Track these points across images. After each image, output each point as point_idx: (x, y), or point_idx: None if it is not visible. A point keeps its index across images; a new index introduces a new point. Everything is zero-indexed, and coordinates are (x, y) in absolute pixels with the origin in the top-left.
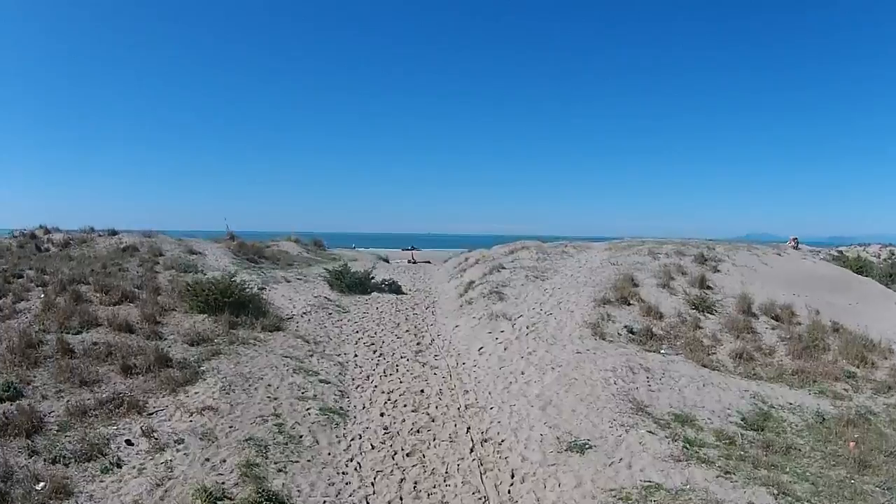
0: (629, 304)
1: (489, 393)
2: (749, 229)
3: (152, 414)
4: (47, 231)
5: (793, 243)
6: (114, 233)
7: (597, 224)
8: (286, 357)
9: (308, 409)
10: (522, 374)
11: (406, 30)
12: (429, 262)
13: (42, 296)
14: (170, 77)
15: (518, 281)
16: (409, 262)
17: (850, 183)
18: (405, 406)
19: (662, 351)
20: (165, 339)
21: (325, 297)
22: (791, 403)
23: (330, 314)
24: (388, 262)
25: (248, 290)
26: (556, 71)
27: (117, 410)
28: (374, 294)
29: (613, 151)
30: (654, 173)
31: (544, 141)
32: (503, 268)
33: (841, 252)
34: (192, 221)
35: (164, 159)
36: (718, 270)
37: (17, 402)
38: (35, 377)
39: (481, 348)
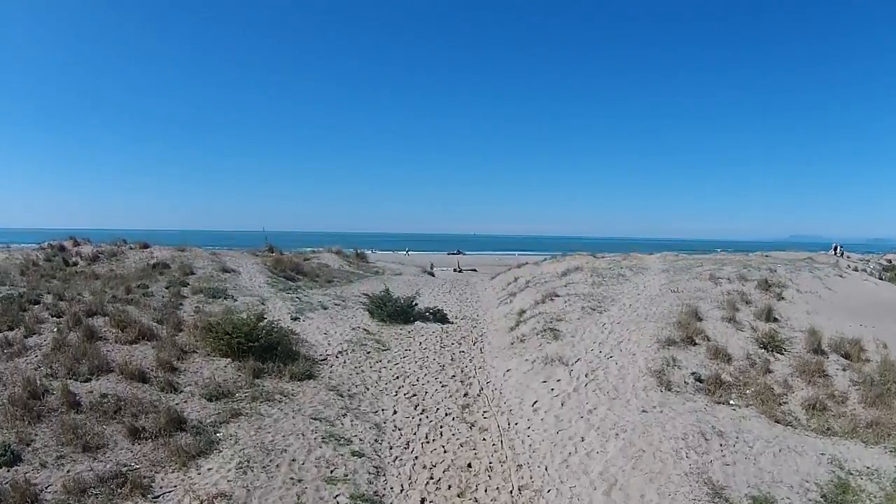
0: (695, 345)
1: (545, 468)
2: (792, 231)
3: (158, 497)
4: (77, 243)
5: (836, 251)
6: (145, 246)
7: (641, 225)
8: (315, 419)
9: (337, 495)
10: (582, 440)
11: (423, 28)
12: (475, 271)
13: (55, 329)
14: (206, 78)
15: (573, 314)
16: (454, 270)
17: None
18: (450, 488)
19: (731, 402)
20: (181, 391)
21: (365, 330)
22: (868, 467)
23: (368, 353)
24: (433, 274)
25: (275, 331)
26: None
27: (119, 490)
28: (418, 324)
29: (655, 152)
30: (700, 175)
31: (580, 140)
32: (556, 296)
33: (890, 262)
34: (232, 221)
35: (209, 160)
36: (783, 298)
37: (15, 468)
38: (36, 436)
39: (535, 403)
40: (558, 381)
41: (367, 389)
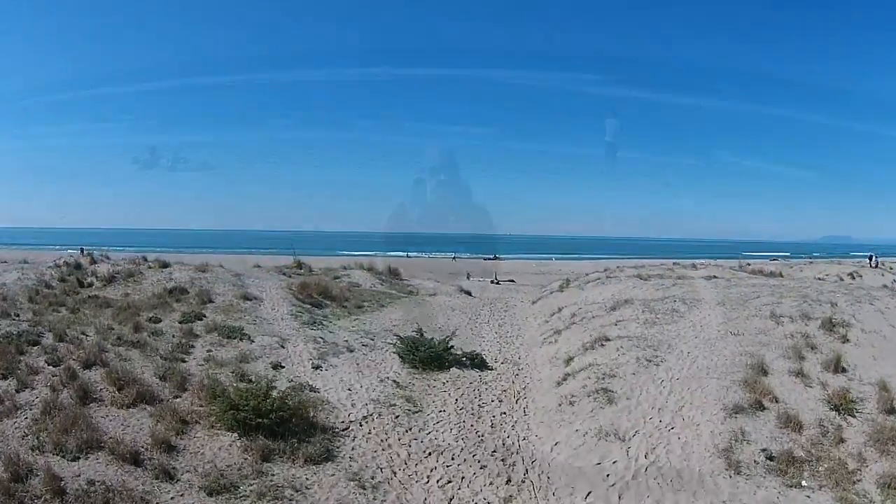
0: (763, 409)
1: None
2: (825, 232)
3: None
4: (94, 261)
5: (871, 262)
6: (165, 265)
7: (673, 224)
8: None
9: None
10: None
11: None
12: (512, 281)
13: (48, 384)
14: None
15: (628, 367)
16: (491, 282)
17: None
18: None
19: (804, 483)
20: (178, 479)
21: (394, 382)
22: None
23: (397, 418)
24: (470, 294)
25: (289, 401)
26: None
27: None
28: (454, 371)
29: (685, 150)
30: (734, 175)
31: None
32: (607, 339)
33: None
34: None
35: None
36: (848, 340)
37: None
38: None
39: (588, 495)
40: (614, 462)
41: (395, 475)
